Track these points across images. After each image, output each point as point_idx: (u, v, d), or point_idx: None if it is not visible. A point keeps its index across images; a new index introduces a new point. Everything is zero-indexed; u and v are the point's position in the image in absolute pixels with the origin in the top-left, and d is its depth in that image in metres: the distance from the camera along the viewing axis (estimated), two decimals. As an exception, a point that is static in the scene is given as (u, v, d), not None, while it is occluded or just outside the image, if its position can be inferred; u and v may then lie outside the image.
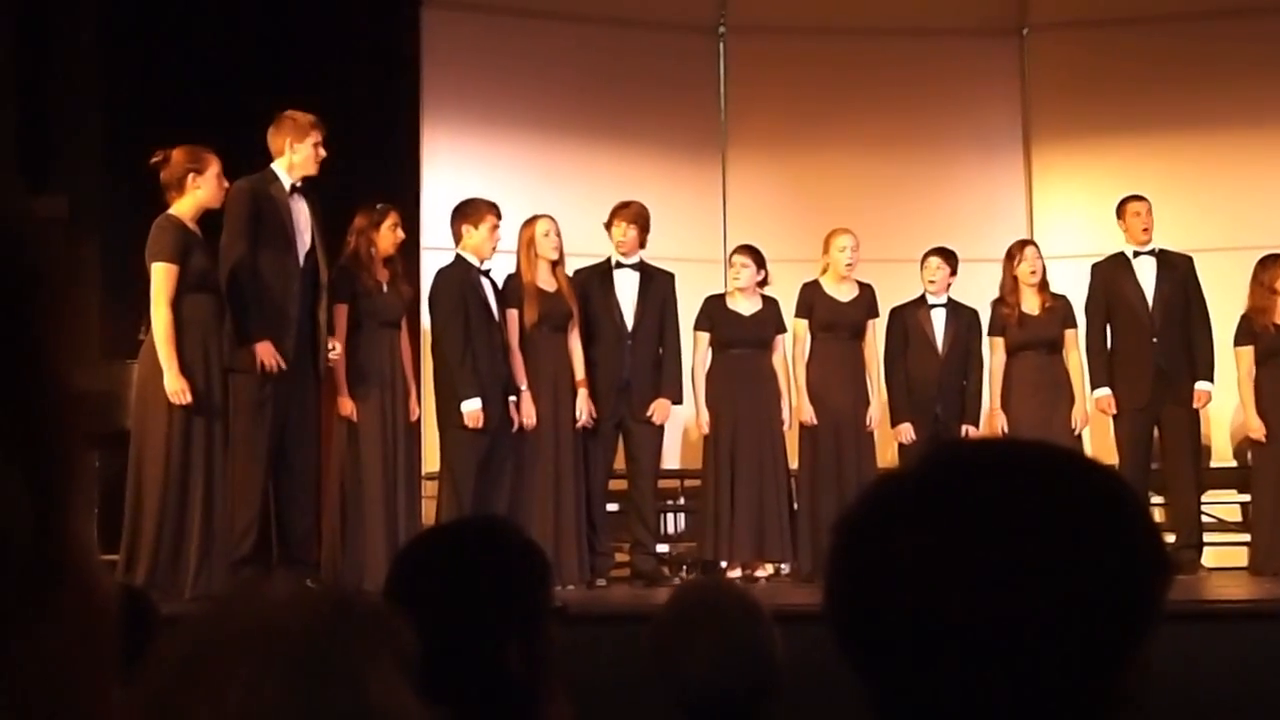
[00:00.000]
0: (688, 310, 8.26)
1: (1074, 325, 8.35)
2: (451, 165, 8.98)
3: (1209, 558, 8.33)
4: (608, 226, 8.07)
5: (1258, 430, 8.14)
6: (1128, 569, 1.10)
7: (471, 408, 7.33)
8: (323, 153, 6.97)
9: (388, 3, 8.94)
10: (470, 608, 2.06)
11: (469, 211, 7.60)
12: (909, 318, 8.40)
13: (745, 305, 8.22)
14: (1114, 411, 8.25)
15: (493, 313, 7.54)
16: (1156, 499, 8.39)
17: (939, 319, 8.38)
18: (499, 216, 7.58)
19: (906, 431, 8.22)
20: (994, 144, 10.00)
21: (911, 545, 1.09)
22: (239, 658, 1.05)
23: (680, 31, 9.84)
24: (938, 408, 8.28)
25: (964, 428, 8.27)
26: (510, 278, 7.76)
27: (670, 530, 8.91)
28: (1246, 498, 8.48)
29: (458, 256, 7.59)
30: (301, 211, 6.96)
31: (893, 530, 1.12)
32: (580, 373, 7.82)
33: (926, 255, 8.45)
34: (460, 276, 7.51)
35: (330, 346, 7.00)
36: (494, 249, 7.60)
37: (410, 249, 8.05)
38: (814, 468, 8.10)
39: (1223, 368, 8.27)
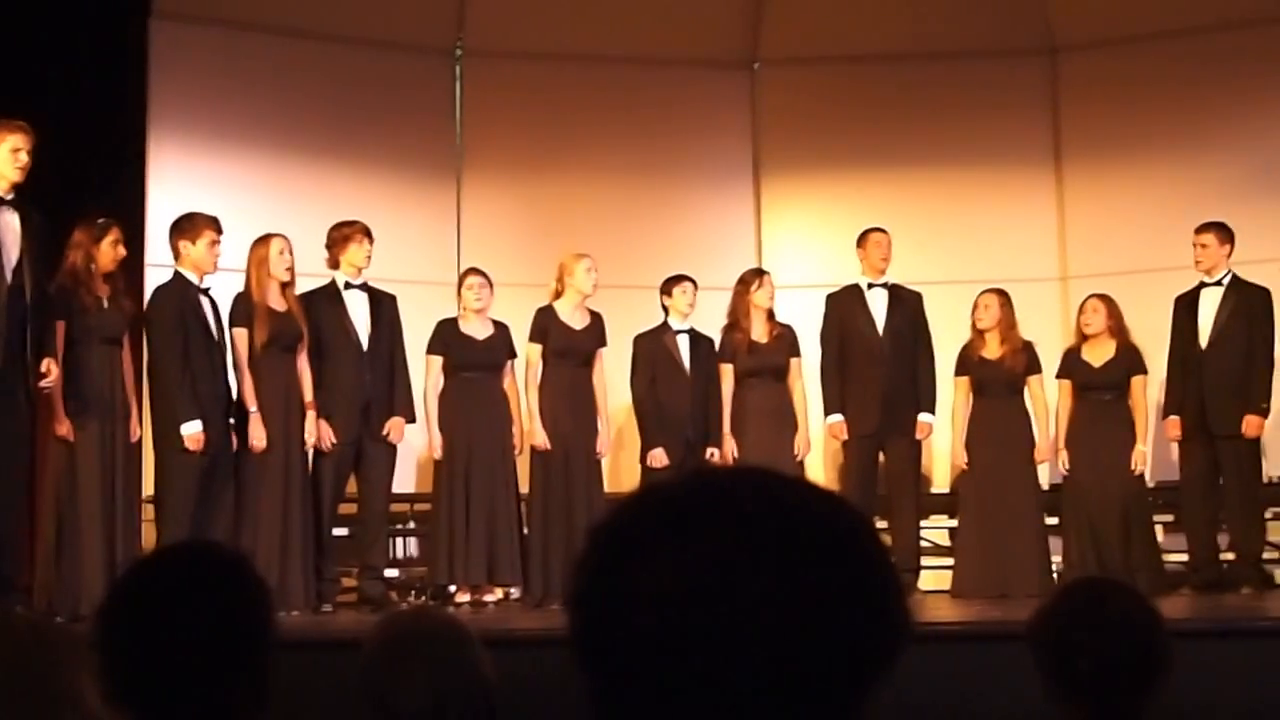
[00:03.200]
0: (419, 333, 8.20)
1: (798, 354, 8.58)
2: (180, 181, 8.75)
3: (924, 581, 8.63)
4: (344, 243, 7.94)
5: (961, 458, 8.49)
6: (878, 609, 1.13)
7: (191, 430, 7.17)
8: (24, 159, 6.71)
9: (114, 13, 8.68)
10: (189, 638, 2.01)
11: (186, 227, 7.45)
12: (654, 344, 8.50)
13: (478, 329, 8.21)
14: (845, 437, 8.50)
15: (212, 332, 7.39)
16: (881, 524, 8.65)
17: (684, 344, 8.50)
18: (219, 231, 7.44)
19: (659, 456, 8.30)
20: (725, 174, 10.19)
21: (670, 567, 1.10)
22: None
23: (417, 52, 9.78)
24: (688, 432, 8.40)
25: (709, 450, 8.41)
26: (239, 297, 7.61)
27: (399, 555, 8.83)
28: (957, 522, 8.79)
29: (176, 274, 7.43)
30: (8, 224, 6.70)
31: (651, 551, 1.11)
32: (310, 394, 7.72)
33: (679, 280, 8.55)
34: (178, 294, 7.35)
35: (45, 369, 6.75)
36: (215, 264, 7.46)
37: (134, 265, 7.84)
38: (545, 493, 8.11)
39: (948, 398, 8.59)
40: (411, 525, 8.96)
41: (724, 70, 10.29)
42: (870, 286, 8.66)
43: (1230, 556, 8.22)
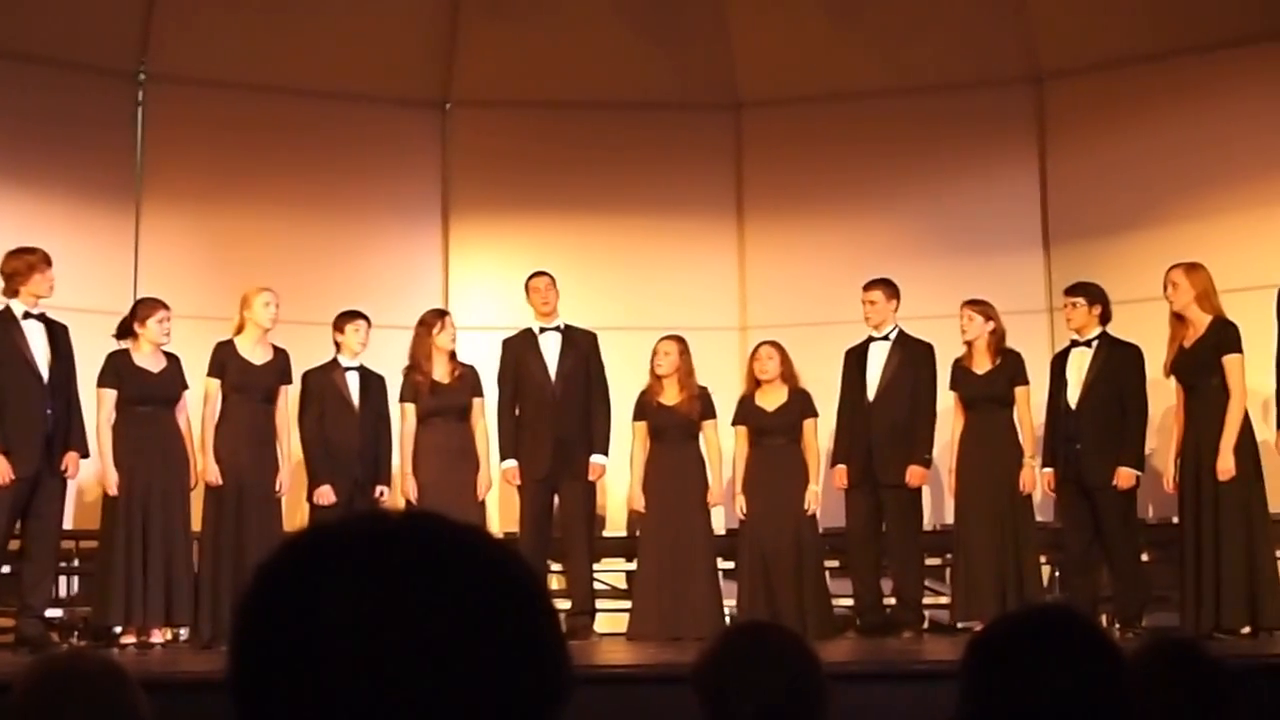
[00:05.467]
0: (90, 364, 7.91)
1: (481, 394, 8.59)
2: None
3: (600, 623, 8.70)
4: (28, 273, 7.62)
5: (638, 502, 8.59)
6: (539, 658, 1.14)
7: None
8: None
9: None
10: None
11: None
12: (323, 380, 8.39)
13: (151, 362, 7.97)
14: (519, 483, 8.53)
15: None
16: (556, 566, 8.70)
17: (354, 381, 8.42)
18: None
19: (325, 494, 8.19)
20: (414, 213, 10.15)
21: (332, 612, 1.09)
22: None
23: (97, 74, 9.45)
24: (356, 470, 8.30)
25: (379, 489, 8.34)
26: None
27: (61, 594, 8.49)
28: (634, 566, 8.89)
29: None
30: None
31: (313, 595, 1.10)
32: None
33: (352, 317, 8.46)
34: None
35: None
36: None
37: None
38: (217, 530, 7.93)
39: (625, 441, 8.68)
40: (76, 563, 8.62)
41: (415, 109, 10.26)
42: (543, 330, 8.73)
43: (893, 601, 8.53)
